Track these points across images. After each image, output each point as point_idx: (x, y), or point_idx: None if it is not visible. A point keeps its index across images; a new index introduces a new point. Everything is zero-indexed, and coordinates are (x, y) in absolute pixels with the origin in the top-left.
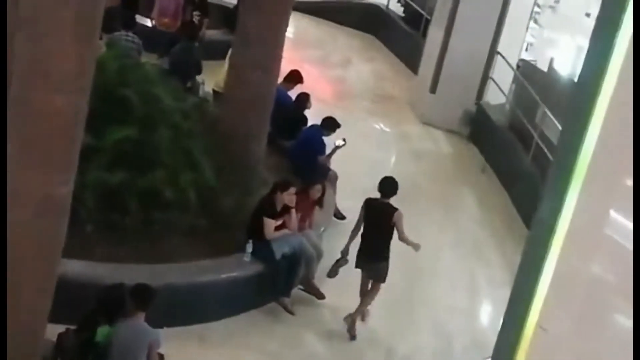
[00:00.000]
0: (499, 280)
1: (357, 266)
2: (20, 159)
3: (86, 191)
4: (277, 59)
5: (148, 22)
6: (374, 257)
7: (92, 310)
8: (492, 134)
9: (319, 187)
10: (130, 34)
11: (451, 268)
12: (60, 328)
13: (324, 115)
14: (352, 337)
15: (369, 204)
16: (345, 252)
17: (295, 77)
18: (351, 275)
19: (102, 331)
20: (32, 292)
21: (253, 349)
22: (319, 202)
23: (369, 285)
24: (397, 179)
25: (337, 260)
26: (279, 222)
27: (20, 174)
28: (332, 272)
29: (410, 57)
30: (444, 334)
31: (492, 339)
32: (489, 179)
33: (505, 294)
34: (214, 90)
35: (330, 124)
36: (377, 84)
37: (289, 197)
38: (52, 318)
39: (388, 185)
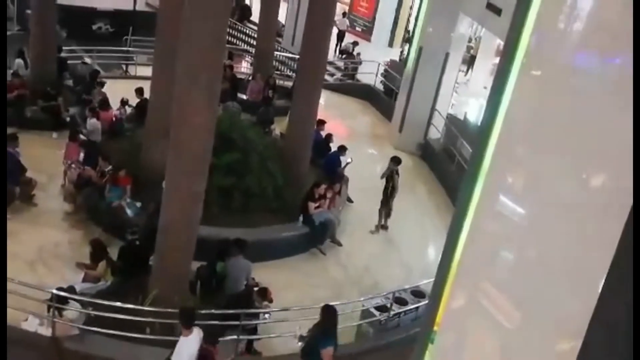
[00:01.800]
0: (440, 233)
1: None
2: (175, 173)
3: (212, 188)
4: (313, 115)
5: (244, 97)
6: None
7: (214, 255)
8: (434, 155)
9: (338, 185)
10: (235, 103)
11: (413, 227)
12: (198, 264)
13: (340, 144)
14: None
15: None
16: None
17: (321, 122)
18: (356, 234)
19: (220, 265)
20: (184, 243)
21: (300, 271)
22: (339, 192)
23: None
24: (381, 181)
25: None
26: (317, 204)
27: (175, 181)
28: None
29: (387, 112)
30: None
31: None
32: (434, 184)
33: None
34: (280, 133)
35: (342, 147)
36: (370, 127)
37: (322, 190)
38: (195, 258)
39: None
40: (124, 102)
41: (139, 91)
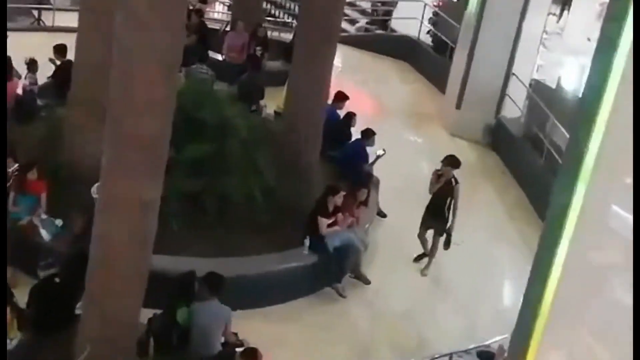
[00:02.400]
0: (520, 263)
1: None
2: (114, 171)
3: (172, 195)
4: (325, 83)
5: (219, 57)
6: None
7: (172, 296)
8: (510, 142)
9: (364, 190)
10: (204, 66)
11: (476, 254)
12: (151, 312)
13: (363, 127)
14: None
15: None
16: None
17: (340, 97)
18: (391, 265)
19: (181, 312)
20: (129, 279)
21: (306, 322)
22: (365, 202)
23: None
24: (426, 182)
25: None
26: (331, 221)
27: (115, 184)
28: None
29: (438, 79)
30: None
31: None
32: (507, 178)
33: (526, 270)
34: (275, 112)
35: (368, 132)
36: (411, 102)
37: (339, 199)
38: (146, 302)
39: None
40: (31, 65)
41: (60, 50)
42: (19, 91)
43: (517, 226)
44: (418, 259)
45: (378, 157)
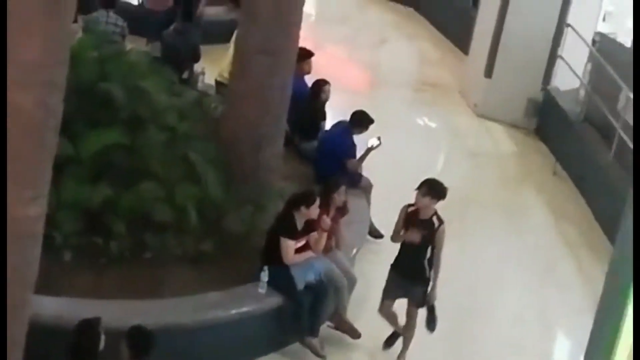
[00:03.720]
0: (577, 305)
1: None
2: None
3: (62, 211)
4: (292, 40)
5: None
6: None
7: (67, 354)
8: (564, 127)
9: (342, 189)
10: (112, 14)
11: (518, 298)
12: None
13: (353, 109)
14: None
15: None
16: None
17: (303, 55)
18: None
19: None
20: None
21: None
22: (343, 208)
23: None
24: (447, 185)
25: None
26: (301, 243)
27: None
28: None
29: (459, 34)
30: None
31: None
32: (561, 182)
33: (584, 322)
34: (216, 82)
35: (360, 119)
36: (420, 68)
37: (314, 212)
38: None
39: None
40: None
41: None
42: None
43: (575, 254)
44: (389, 342)
45: (370, 149)
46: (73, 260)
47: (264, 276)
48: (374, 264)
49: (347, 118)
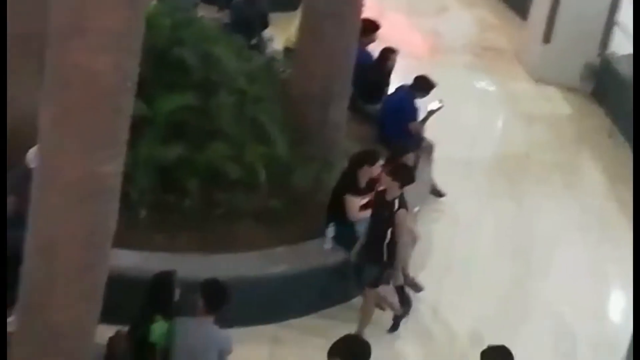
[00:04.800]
0: (630, 262)
1: None
2: (56, 132)
3: (138, 169)
4: (357, 7)
5: None
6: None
7: (143, 304)
8: (620, 91)
9: (410, 156)
10: None
11: (574, 255)
12: (112, 330)
13: (416, 74)
14: None
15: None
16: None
17: (370, 27)
18: (451, 267)
19: (157, 328)
20: (76, 289)
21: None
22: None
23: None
24: (504, 148)
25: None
26: (365, 201)
27: (57, 149)
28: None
29: (517, 1)
30: (566, 334)
31: (624, 340)
32: (617, 145)
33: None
34: (284, 47)
35: (422, 84)
36: (479, 34)
37: (376, 170)
38: (102, 319)
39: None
40: None
41: None
42: None
43: (629, 213)
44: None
45: (432, 112)
46: (148, 217)
47: (330, 232)
48: (436, 221)
49: (410, 82)
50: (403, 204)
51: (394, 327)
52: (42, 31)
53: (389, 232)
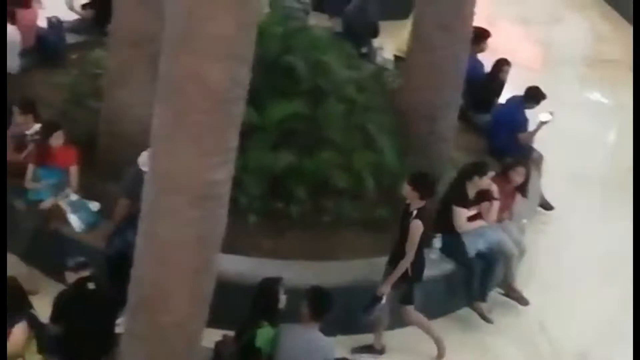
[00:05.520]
0: None
1: None
2: (168, 136)
3: (248, 176)
4: (467, 17)
5: None
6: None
7: (249, 310)
8: None
9: (521, 169)
10: None
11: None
12: (219, 334)
13: (526, 85)
14: None
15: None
16: None
17: (480, 35)
18: (559, 281)
19: (263, 334)
20: (185, 292)
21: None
22: (522, 189)
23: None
24: (618, 161)
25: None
26: (473, 212)
27: (169, 154)
28: None
29: (632, 10)
30: None
31: None
32: None
33: None
34: (394, 56)
35: (534, 95)
36: (593, 44)
37: (486, 182)
38: (210, 323)
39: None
40: None
41: None
42: (41, 23)
43: None
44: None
45: (542, 123)
46: (256, 223)
47: (437, 242)
48: (544, 234)
49: (521, 93)
50: (422, 216)
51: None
52: (154, 37)
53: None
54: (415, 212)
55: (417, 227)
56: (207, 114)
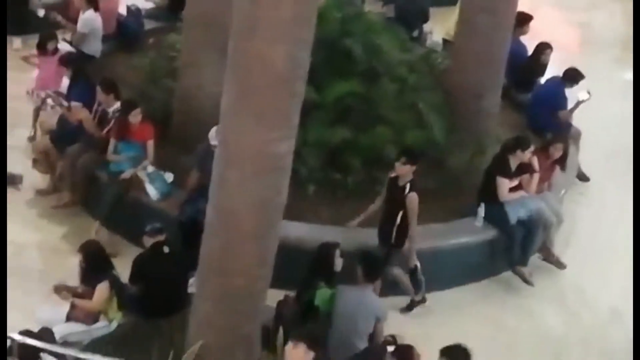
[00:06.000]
0: None
1: None
2: (236, 113)
3: (307, 149)
4: (511, 2)
5: None
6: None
7: (309, 272)
8: None
9: (559, 145)
10: None
11: None
12: (281, 294)
13: (565, 66)
14: None
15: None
16: None
17: (523, 19)
18: (594, 249)
19: (321, 294)
20: (251, 256)
21: (483, 321)
22: (560, 162)
23: None
24: None
25: None
26: (515, 183)
27: (236, 129)
28: None
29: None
30: None
31: None
32: None
33: None
34: (443, 40)
35: (572, 76)
36: (627, 29)
37: (527, 156)
38: (273, 284)
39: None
40: None
41: None
42: (122, 11)
43: None
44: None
45: (580, 102)
46: (315, 192)
47: (481, 211)
48: (580, 204)
49: (560, 74)
50: (414, 188)
51: (409, 308)
52: (223, 22)
53: (399, 216)
54: (408, 186)
55: (415, 199)
56: (270, 92)
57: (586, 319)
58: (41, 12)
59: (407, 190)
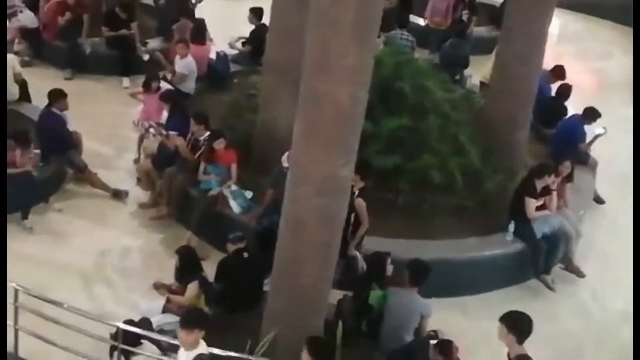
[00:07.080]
0: None
1: None
2: (305, 142)
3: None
4: (539, 52)
5: (421, 21)
6: None
7: (364, 276)
8: None
9: (567, 163)
10: (405, 32)
11: None
12: (341, 294)
13: (584, 105)
14: None
15: None
16: None
17: (559, 73)
18: (609, 260)
19: (374, 294)
20: (316, 260)
21: None
22: (569, 177)
23: None
24: None
25: None
26: (540, 203)
27: (306, 155)
28: None
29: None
30: None
31: None
32: None
33: None
34: (481, 82)
35: (591, 114)
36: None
37: (549, 181)
38: (334, 285)
39: None
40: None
41: (256, 13)
42: (212, 56)
43: None
44: None
45: (597, 136)
46: (371, 209)
47: (511, 227)
48: (597, 223)
49: (579, 112)
50: (362, 195)
51: None
52: (295, 66)
53: (352, 216)
54: (357, 192)
55: (360, 203)
56: (335, 125)
57: (601, 321)
58: (146, 57)
59: (355, 195)
